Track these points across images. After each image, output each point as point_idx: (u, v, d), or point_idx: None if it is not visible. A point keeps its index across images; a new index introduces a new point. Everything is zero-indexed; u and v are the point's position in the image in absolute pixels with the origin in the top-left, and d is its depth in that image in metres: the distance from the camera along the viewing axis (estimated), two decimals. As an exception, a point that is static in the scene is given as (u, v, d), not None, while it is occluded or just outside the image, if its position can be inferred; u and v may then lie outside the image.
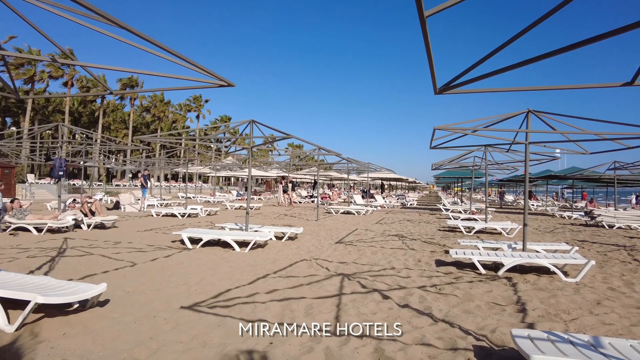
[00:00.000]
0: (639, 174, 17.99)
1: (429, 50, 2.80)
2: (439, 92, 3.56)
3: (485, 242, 8.81)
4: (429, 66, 3.11)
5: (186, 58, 3.72)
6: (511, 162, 14.53)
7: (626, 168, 16.11)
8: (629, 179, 21.71)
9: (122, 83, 52.60)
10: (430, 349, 3.51)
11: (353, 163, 19.85)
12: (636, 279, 6.53)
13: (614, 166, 16.58)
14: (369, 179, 35.16)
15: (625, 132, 6.91)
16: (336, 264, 7.10)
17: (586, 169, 20.24)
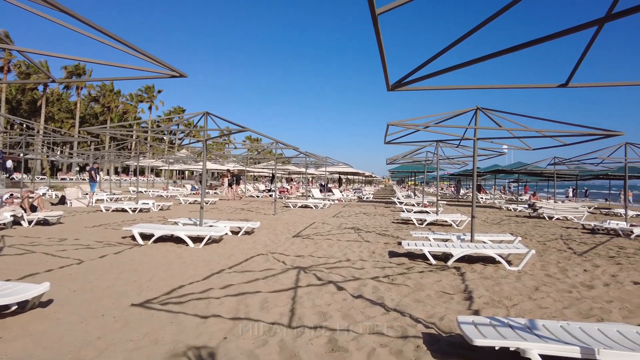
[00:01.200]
0: (575, 169, 19.33)
1: (381, 47, 2.87)
2: (392, 89, 3.64)
3: (436, 234, 9.16)
4: (381, 63, 3.18)
5: (136, 47, 3.58)
6: (461, 157, 15.16)
7: (564, 163, 17.26)
8: (567, 173, 23.34)
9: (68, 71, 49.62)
10: (382, 338, 3.63)
11: (311, 157, 19.93)
12: (570, 265, 7.06)
13: (553, 161, 17.71)
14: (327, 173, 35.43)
15: (563, 130, 7.41)
16: (293, 258, 7.13)
17: (530, 164, 21.50)
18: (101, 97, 55.96)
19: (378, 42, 2.82)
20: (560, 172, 22.14)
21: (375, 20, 2.57)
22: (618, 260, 7.75)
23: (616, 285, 5.81)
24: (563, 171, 21.43)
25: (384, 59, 3.07)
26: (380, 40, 2.78)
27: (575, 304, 4.84)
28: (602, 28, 3.13)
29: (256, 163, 32.56)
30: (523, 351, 2.78)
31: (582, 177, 26.57)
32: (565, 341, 2.93)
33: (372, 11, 2.48)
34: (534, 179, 35.37)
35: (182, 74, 4.29)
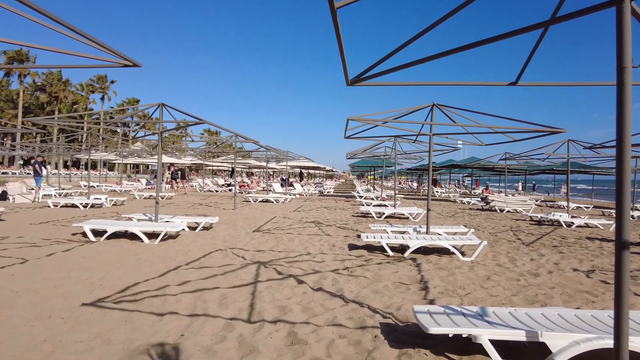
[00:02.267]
0: (524, 163, 20.38)
1: (340, 42, 2.88)
2: (351, 84, 3.67)
3: (393, 226, 9.38)
4: (340, 58, 3.20)
5: (85, 34, 3.40)
6: (418, 152, 15.59)
7: (514, 158, 18.14)
8: (517, 168, 24.56)
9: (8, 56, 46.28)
10: (341, 329, 3.68)
11: (272, 151, 19.78)
12: (518, 255, 7.46)
13: (504, 157, 18.57)
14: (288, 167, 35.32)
15: (513, 127, 7.77)
16: (253, 253, 7.07)
17: (483, 159, 22.42)
18: (48, 86, 52.64)
19: (337, 36, 2.83)
20: (510, 167, 23.28)
21: (335, 14, 2.58)
22: (560, 249, 8.27)
23: (558, 272, 6.20)
24: (513, 166, 22.54)
25: (343, 54, 3.09)
26: (339, 34, 2.79)
27: (522, 291, 5.12)
28: (547, 30, 3.31)
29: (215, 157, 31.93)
30: (474, 337, 2.91)
31: (531, 171, 28.06)
32: (513, 326, 3.10)
33: (331, 5, 2.49)
34: (486, 174, 36.96)
35: (135, 64, 4.12)
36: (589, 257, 7.42)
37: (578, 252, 7.92)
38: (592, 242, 9.30)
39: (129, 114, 34.67)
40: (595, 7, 2.40)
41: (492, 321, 3.22)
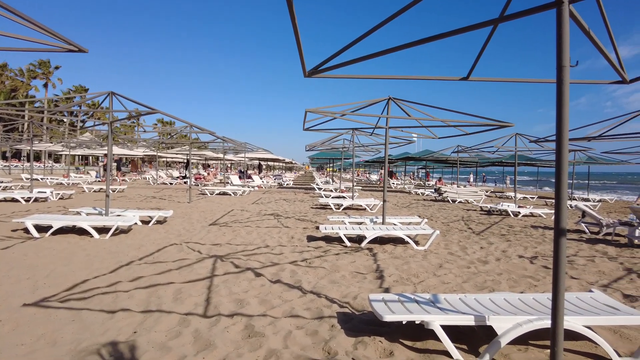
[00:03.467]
0: (475, 156, 21.26)
1: (297, 32, 2.86)
2: (309, 75, 3.66)
3: (351, 217, 9.53)
4: (297, 49, 3.18)
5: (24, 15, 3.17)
6: (375, 145, 15.86)
7: (466, 151, 18.89)
8: (468, 160, 25.60)
9: None
10: (298, 320, 3.71)
11: (229, 142, 19.41)
12: (469, 244, 7.81)
13: (457, 149, 19.28)
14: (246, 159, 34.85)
15: (465, 120, 8.07)
16: (209, 246, 6.95)
17: (436, 152, 23.16)
18: (-19, 71, 48.68)
19: (294, 26, 2.81)
20: (462, 159, 24.23)
21: (291, 4, 2.56)
22: (508, 237, 8.75)
23: (505, 259, 6.56)
24: (465, 158, 23.47)
25: (299, 45, 3.07)
26: (295, 25, 2.77)
27: (472, 278, 5.38)
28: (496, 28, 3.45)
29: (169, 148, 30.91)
30: (427, 323, 3.03)
31: (481, 164, 29.35)
32: (463, 312, 3.25)
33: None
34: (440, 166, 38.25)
35: (81, 49, 3.90)
36: (533, 245, 7.90)
37: (523, 240, 8.41)
38: (536, 230, 9.90)
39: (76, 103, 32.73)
40: (537, 8, 2.54)
41: (444, 307, 3.36)
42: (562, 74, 2.47)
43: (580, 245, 8.00)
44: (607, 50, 3.19)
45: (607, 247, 7.82)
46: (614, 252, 7.35)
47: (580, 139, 10.48)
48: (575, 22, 2.78)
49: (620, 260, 6.62)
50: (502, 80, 3.87)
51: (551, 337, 2.54)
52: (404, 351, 3.10)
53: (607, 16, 3.05)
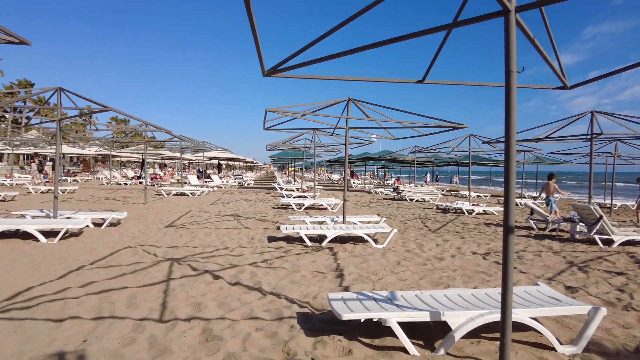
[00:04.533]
0: (431, 156, 21.91)
1: (254, 30, 2.82)
2: (268, 75, 3.63)
3: (312, 217, 9.56)
4: (255, 47, 3.14)
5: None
6: (336, 145, 15.99)
7: (423, 151, 19.41)
8: (425, 160, 26.35)
9: None
10: (257, 322, 3.68)
11: (186, 141, 18.90)
12: (425, 241, 8.04)
13: (414, 150, 19.79)
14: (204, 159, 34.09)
15: (421, 122, 8.30)
16: (165, 249, 6.74)
17: (395, 152, 23.67)
18: None
19: (251, 24, 2.77)
20: (419, 160, 24.90)
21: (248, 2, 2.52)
22: (462, 234, 9.09)
23: (460, 256, 6.81)
24: (422, 158, 24.12)
25: (257, 43, 3.03)
26: (252, 22, 2.74)
27: (428, 275, 5.54)
28: (450, 33, 3.58)
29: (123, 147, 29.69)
30: (384, 320, 3.09)
31: (437, 163, 30.28)
32: (419, 308, 3.34)
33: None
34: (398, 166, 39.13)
35: (23, 41, 3.67)
36: (486, 241, 8.25)
37: (477, 237, 8.76)
38: (489, 228, 10.35)
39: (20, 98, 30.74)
40: (487, 15, 2.65)
41: (401, 304, 3.44)
42: (509, 78, 2.60)
43: (529, 241, 8.45)
44: (550, 58, 3.39)
45: (553, 242, 8.30)
46: (558, 246, 7.81)
47: (528, 140, 11.06)
48: (521, 30, 2.93)
49: (564, 254, 7.05)
50: (455, 83, 4.01)
51: (500, 330, 2.67)
52: (363, 349, 3.15)
53: (549, 26, 3.24)
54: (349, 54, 3.26)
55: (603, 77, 3.46)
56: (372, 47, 3.12)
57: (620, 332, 3.60)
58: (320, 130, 11.91)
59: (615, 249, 7.65)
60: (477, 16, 2.73)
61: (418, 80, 3.99)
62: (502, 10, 2.58)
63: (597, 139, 10.18)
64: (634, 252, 7.31)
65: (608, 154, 16.65)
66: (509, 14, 2.57)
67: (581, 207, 8.52)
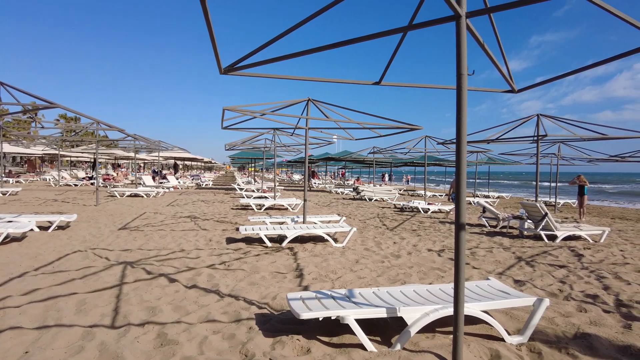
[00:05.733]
0: (389, 157, 22.38)
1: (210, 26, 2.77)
2: (225, 72, 3.56)
3: (272, 218, 9.50)
4: (211, 44, 3.07)
5: None
6: (296, 145, 15.97)
7: (381, 152, 19.80)
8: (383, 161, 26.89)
9: None
10: (215, 325, 3.60)
11: (141, 140, 18.25)
12: (383, 239, 8.20)
13: (373, 150, 20.14)
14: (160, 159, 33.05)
15: (379, 123, 8.46)
16: (118, 253, 6.47)
17: (354, 153, 23.99)
18: None
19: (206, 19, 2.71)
20: (378, 160, 25.38)
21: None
22: (418, 232, 9.35)
23: (416, 253, 7.00)
24: (380, 159, 24.60)
25: (213, 40, 2.97)
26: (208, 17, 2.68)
27: (386, 272, 5.65)
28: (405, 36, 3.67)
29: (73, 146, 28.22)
30: (342, 318, 3.12)
31: (395, 164, 30.98)
32: (376, 305, 3.40)
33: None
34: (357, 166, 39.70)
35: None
36: (441, 239, 8.52)
37: (432, 235, 9.04)
38: (444, 226, 10.70)
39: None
40: (439, 19, 2.74)
41: (359, 302, 3.49)
42: (460, 81, 2.70)
43: (481, 237, 8.81)
44: (499, 63, 3.56)
45: (503, 238, 8.72)
46: (508, 243, 8.21)
47: (480, 141, 11.54)
48: (472, 34, 3.06)
49: (513, 250, 7.41)
50: (409, 85, 4.12)
51: (454, 324, 2.77)
52: (321, 347, 3.17)
53: (499, 32, 3.40)
54: (307, 54, 3.27)
55: (547, 82, 3.66)
56: (330, 47, 3.15)
57: (561, 321, 3.83)
58: (280, 130, 11.86)
59: (559, 243, 8.14)
60: (430, 20, 2.82)
61: (375, 82, 4.07)
62: (454, 15, 2.68)
63: (543, 140, 10.78)
64: (574, 247, 7.81)
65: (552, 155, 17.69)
66: (460, 19, 2.67)
67: (528, 205, 9.00)
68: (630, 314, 4.10)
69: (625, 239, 8.94)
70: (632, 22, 2.78)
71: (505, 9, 2.66)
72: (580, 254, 7.16)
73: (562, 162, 19.84)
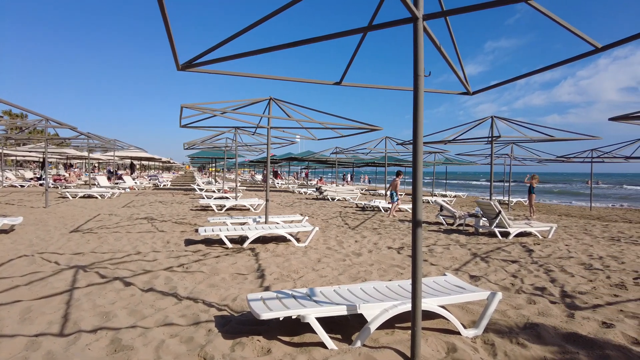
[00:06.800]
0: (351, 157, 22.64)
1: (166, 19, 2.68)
2: (182, 69, 3.47)
3: (233, 218, 9.35)
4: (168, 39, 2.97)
5: None
6: (258, 144, 15.82)
7: (343, 152, 20.01)
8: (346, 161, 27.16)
9: None
10: (172, 328, 3.50)
11: (95, 139, 17.44)
12: (345, 238, 8.28)
13: (335, 150, 20.31)
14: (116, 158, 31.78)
15: (340, 124, 8.53)
16: (69, 256, 6.15)
17: (317, 153, 24.08)
18: None
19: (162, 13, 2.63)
20: (340, 160, 25.59)
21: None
22: (379, 231, 9.51)
23: (376, 251, 7.11)
24: (343, 159, 24.83)
25: (170, 34, 2.88)
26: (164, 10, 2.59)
27: (347, 270, 5.71)
28: (365, 36, 3.71)
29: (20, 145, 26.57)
30: (302, 317, 3.11)
31: (357, 164, 31.37)
32: (337, 302, 3.42)
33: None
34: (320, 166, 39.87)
35: None
36: (400, 237, 8.71)
37: (392, 233, 9.22)
38: (403, 224, 10.95)
39: None
40: (398, 21, 2.80)
41: (320, 300, 3.50)
42: (417, 82, 2.77)
43: (439, 235, 9.09)
44: (456, 66, 3.68)
45: (460, 236, 9.03)
46: (464, 240, 8.51)
47: (438, 142, 11.90)
48: (428, 37, 3.14)
49: (469, 247, 7.69)
50: (368, 86, 4.18)
51: (412, 319, 2.83)
52: (282, 347, 3.15)
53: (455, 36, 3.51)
54: (269, 52, 3.24)
55: (499, 85, 3.82)
56: (290, 46, 3.13)
57: (513, 313, 4.02)
58: (241, 129, 11.70)
59: (511, 240, 8.53)
60: (388, 21, 2.87)
61: (336, 82, 4.09)
62: (411, 17, 2.74)
63: (496, 141, 11.25)
64: (525, 242, 8.21)
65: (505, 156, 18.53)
66: (417, 21, 2.74)
67: (483, 203, 9.37)
68: (573, 304, 4.35)
69: (570, 235, 9.50)
70: (575, 32, 2.96)
71: (460, 13, 2.76)
72: (530, 249, 7.54)
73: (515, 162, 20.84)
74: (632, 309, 4.20)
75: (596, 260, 6.58)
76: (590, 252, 7.26)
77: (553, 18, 2.91)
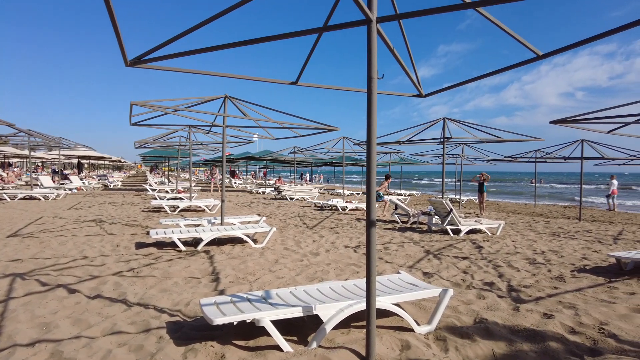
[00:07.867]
0: (310, 157, 22.67)
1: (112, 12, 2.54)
2: (131, 65, 3.31)
3: (187, 220, 9.09)
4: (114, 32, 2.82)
5: None
6: (215, 143, 15.48)
7: (302, 152, 19.99)
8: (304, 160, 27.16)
9: None
10: (121, 337, 3.33)
11: (37, 137, 16.38)
12: (303, 238, 8.27)
13: (294, 150, 20.25)
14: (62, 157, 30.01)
15: (298, 123, 8.50)
16: (5, 264, 5.72)
17: (275, 152, 23.91)
18: None
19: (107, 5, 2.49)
20: (299, 160, 25.57)
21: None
22: (337, 230, 9.58)
23: (334, 250, 7.16)
24: (301, 159, 24.82)
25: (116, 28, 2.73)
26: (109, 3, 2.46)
27: (305, 270, 5.70)
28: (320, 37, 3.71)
29: (-50, 143, 24.42)
30: (257, 321, 3.07)
31: (315, 164, 31.46)
32: (293, 304, 3.40)
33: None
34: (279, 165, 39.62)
35: None
36: (357, 235, 8.82)
37: (349, 232, 9.32)
38: (360, 223, 11.10)
39: None
40: (352, 23, 2.81)
41: (275, 302, 3.46)
42: (371, 84, 2.80)
43: (394, 233, 9.29)
44: (409, 69, 3.76)
45: (414, 233, 9.27)
46: (418, 237, 8.76)
47: (393, 142, 12.16)
48: (382, 39, 3.18)
49: (422, 244, 7.92)
50: (324, 87, 4.19)
51: (366, 318, 2.86)
52: (236, 352, 3.08)
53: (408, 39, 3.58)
54: (223, 49, 3.15)
55: (450, 88, 3.95)
56: (246, 43, 3.07)
57: (464, 308, 4.17)
58: (196, 127, 11.39)
59: (462, 237, 8.87)
60: (343, 23, 2.88)
61: (292, 81, 4.07)
62: (365, 19, 2.76)
63: (448, 142, 11.65)
64: (475, 239, 8.57)
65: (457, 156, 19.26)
66: (370, 24, 2.76)
67: (436, 202, 9.68)
68: (519, 297, 4.59)
69: (517, 231, 10.02)
70: (519, 39, 3.10)
71: (414, 16, 2.81)
72: (480, 245, 7.87)
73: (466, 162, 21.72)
74: (570, 300, 4.49)
75: (539, 255, 6.98)
76: (534, 247, 7.69)
77: (499, 25, 3.04)
